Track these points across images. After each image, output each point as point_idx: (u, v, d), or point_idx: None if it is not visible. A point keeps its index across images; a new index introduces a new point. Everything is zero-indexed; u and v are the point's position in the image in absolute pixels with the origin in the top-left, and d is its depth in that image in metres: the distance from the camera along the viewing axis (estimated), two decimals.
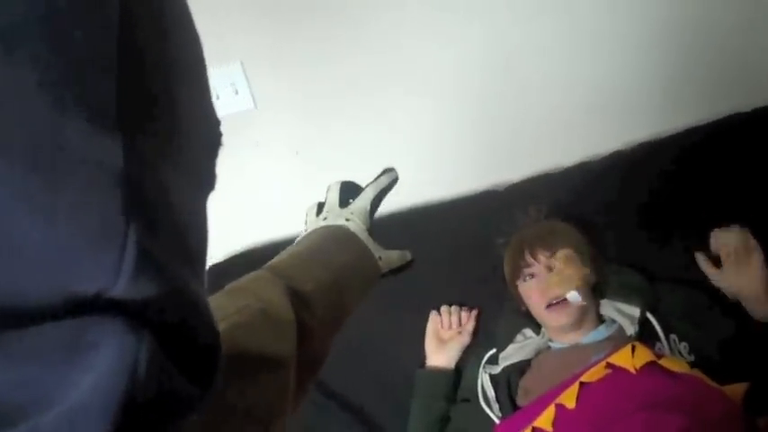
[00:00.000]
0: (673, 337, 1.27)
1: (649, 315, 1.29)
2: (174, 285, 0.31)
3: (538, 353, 1.38)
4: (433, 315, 1.52)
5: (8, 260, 0.26)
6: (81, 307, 0.27)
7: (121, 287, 0.28)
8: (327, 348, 0.67)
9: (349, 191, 0.88)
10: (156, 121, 0.30)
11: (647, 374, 1.11)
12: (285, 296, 0.61)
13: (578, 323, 1.32)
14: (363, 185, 0.89)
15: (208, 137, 0.35)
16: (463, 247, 1.51)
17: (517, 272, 1.38)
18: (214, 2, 1.56)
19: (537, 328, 1.41)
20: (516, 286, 1.39)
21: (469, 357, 1.46)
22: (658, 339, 1.26)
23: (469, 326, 1.49)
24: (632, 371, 1.11)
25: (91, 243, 0.27)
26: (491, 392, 1.35)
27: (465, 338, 1.48)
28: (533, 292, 1.34)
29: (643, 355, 1.13)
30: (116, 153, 0.27)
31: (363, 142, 1.67)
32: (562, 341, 1.35)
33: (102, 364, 0.27)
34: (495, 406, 1.33)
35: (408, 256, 0.86)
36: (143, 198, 0.29)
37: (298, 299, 0.62)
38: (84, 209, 0.27)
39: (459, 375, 1.46)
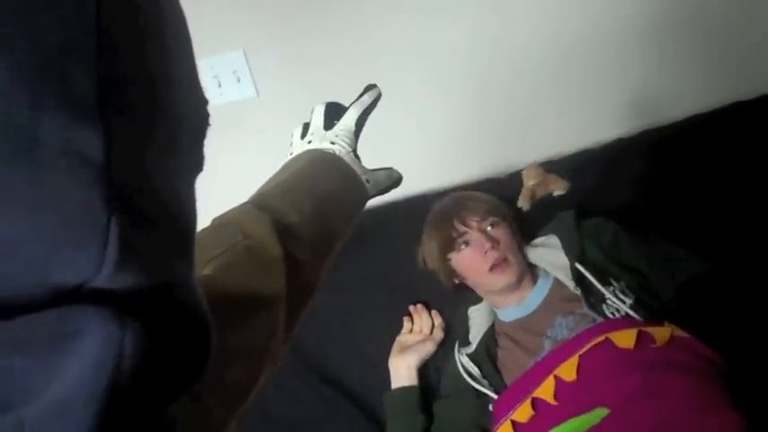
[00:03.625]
0: (611, 281, 1.27)
1: (579, 266, 1.29)
2: (160, 273, 0.30)
3: (493, 320, 1.39)
4: (405, 321, 1.53)
5: None
6: (64, 297, 0.27)
7: (105, 278, 0.28)
8: (319, 277, 0.66)
9: (334, 112, 0.87)
10: (139, 107, 0.30)
11: (642, 345, 1.13)
12: (272, 230, 0.60)
13: (519, 281, 1.33)
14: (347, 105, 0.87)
15: (195, 118, 0.35)
16: None
17: (450, 244, 1.36)
18: None
19: (475, 300, 1.44)
20: (449, 260, 1.38)
21: (446, 354, 1.46)
22: (603, 297, 1.25)
23: (437, 336, 1.49)
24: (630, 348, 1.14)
25: (73, 235, 0.27)
26: (475, 370, 1.34)
27: (429, 347, 1.48)
28: (474, 257, 1.33)
29: (631, 335, 1.15)
30: (96, 144, 0.27)
31: (366, 129, 1.67)
32: (507, 305, 1.35)
33: (87, 353, 0.27)
34: (485, 381, 1.32)
35: (395, 173, 0.85)
36: (126, 188, 0.28)
37: (285, 232, 0.61)
38: (66, 202, 0.27)
39: (426, 386, 1.46)
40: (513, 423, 1.17)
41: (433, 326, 1.52)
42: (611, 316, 1.22)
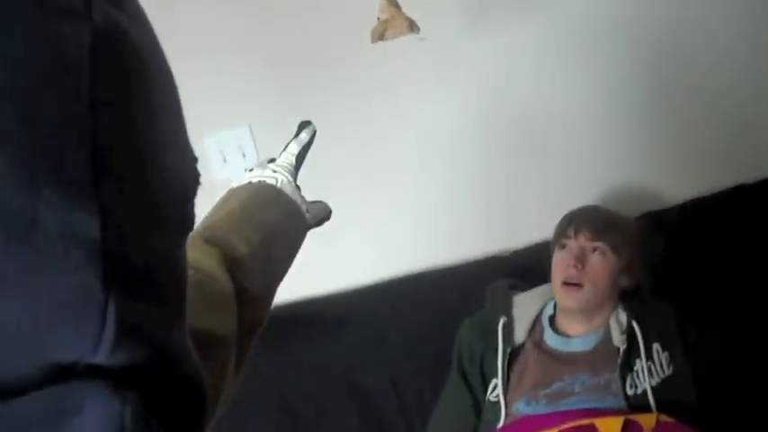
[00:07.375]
0: (656, 346, 1.27)
1: (634, 324, 1.29)
2: (157, 343, 0.30)
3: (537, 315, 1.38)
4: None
5: None
6: (60, 374, 0.27)
7: (102, 356, 0.27)
8: (268, 307, 0.66)
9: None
10: (132, 176, 0.29)
11: None
12: (221, 265, 0.60)
13: (588, 316, 1.32)
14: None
15: (186, 179, 0.34)
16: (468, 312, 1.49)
17: (558, 239, 1.38)
18: (224, 66, 1.59)
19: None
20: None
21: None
22: (639, 355, 1.26)
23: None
24: None
25: (70, 317, 0.26)
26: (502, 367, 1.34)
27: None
28: (557, 263, 1.35)
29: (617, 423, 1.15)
30: (92, 224, 0.26)
31: (365, 207, 1.68)
32: (561, 327, 1.35)
33: (88, 429, 0.27)
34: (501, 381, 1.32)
35: (328, 207, 0.88)
36: (122, 266, 0.28)
37: (234, 265, 0.62)
38: (63, 284, 0.26)
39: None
40: None
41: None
42: (629, 390, 1.23)
